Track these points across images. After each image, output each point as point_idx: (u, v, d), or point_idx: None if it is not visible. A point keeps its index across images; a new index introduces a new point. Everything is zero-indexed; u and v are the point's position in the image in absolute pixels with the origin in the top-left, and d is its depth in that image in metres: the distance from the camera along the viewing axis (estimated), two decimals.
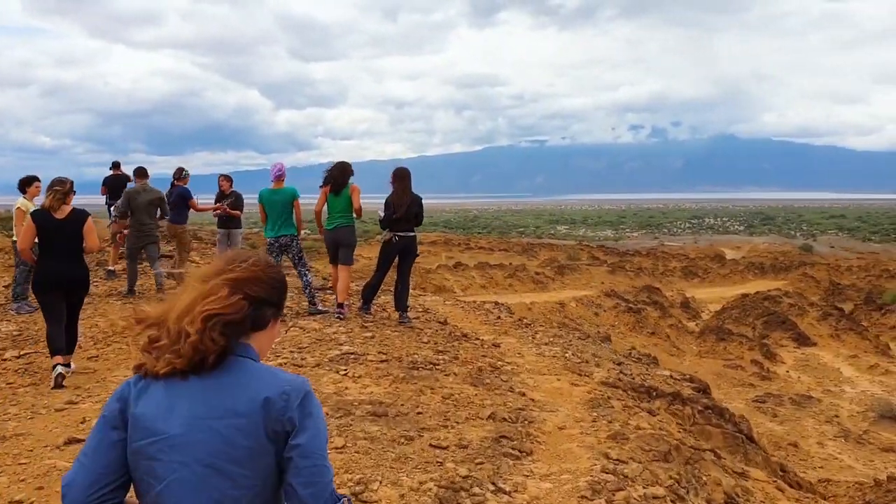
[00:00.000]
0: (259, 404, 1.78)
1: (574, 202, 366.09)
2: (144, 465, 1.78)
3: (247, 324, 1.89)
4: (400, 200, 9.13)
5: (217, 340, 1.80)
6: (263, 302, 1.93)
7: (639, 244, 76.08)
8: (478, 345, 8.70)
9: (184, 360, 1.79)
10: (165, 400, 1.80)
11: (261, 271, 1.95)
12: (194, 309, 1.82)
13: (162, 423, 1.78)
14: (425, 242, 45.22)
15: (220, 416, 1.77)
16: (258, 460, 1.77)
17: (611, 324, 25.71)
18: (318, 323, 8.67)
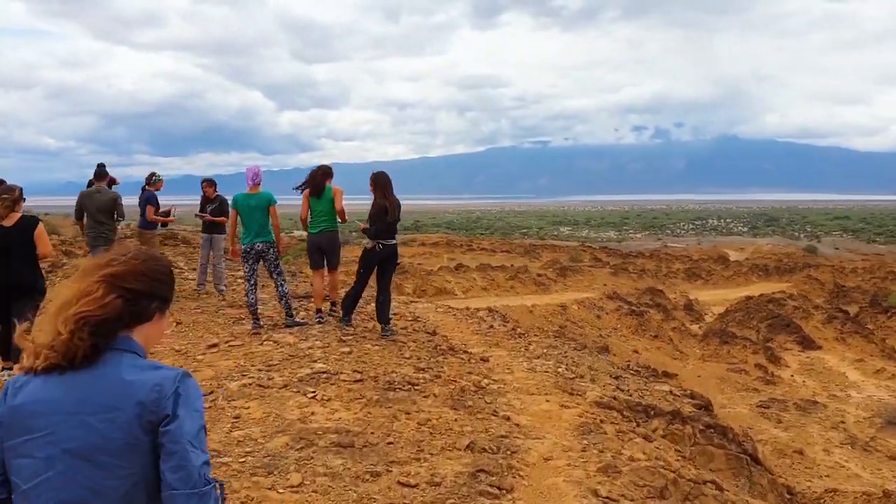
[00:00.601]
0: (132, 397, 1.80)
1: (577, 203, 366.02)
2: (16, 463, 1.81)
3: (123, 320, 1.89)
4: (392, 205, 8.73)
5: (85, 340, 1.81)
6: (144, 295, 1.94)
7: (642, 245, 75.64)
8: (464, 360, 8.18)
9: (58, 355, 1.82)
10: (41, 394, 1.81)
11: (140, 264, 1.95)
12: (70, 307, 1.84)
13: (35, 420, 1.80)
14: (427, 244, 44.84)
15: (94, 412, 1.78)
16: (134, 452, 1.79)
17: (613, 326, 25.33)
18: (293, 336, 8.18)
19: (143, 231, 12.05)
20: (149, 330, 1.97)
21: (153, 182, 12.00)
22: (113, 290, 1.87)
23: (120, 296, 1.88)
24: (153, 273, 1.97)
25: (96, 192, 10.60)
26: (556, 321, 23.62)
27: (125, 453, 1.78)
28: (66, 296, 1.88)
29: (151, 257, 2.03)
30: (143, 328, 1.95)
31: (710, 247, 70.84)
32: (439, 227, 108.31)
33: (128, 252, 1.99)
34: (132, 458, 1.79)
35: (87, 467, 1.77)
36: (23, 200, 7.19)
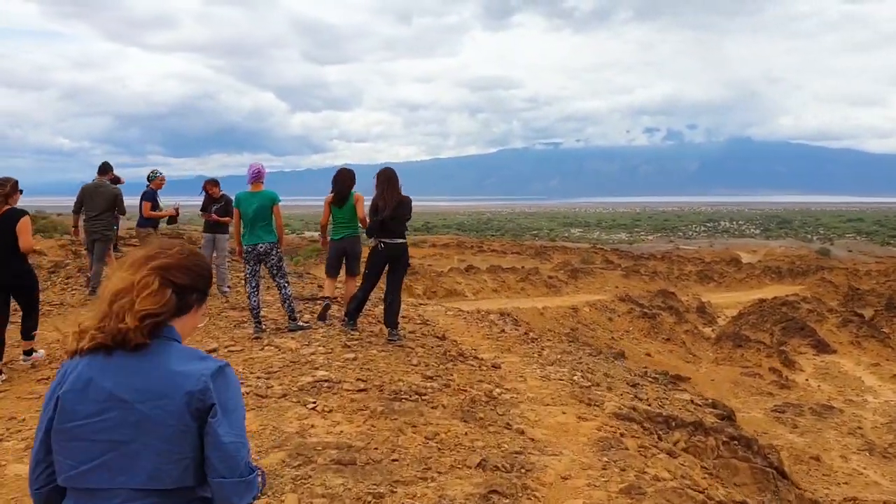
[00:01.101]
0: (182, 387, 1.88)
1: (588, 205, 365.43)
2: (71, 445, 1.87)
3: (175, 310, 1.99)
4: (385, 202, 8.26)
5: (145, 334, 1.91)
6: (188, 289, 2.04)
7: (653, 247, 75.30)
8: (475, 367, 7.79)
9: (108, 337, 1.90)
10: (94, 381, 1.88)
11: (185, 259, 2.05)
12: (128, 296, 1.91)
13: (89, 405, 1.87)
14: (437, 245, 44.60)
15: (146, 399, 1.86)
16: (184, 437, 1.87)
17: (625, 329, 25.02)
18: (295, 342, 7.83)
19: (139, 229, 11.77)
20: (186, 321, 2.07)
21: (152, 179, 11.70)
22: (167, 284, 1.99)
23: (173, 290, 2.00)
24: (197, 267, 2.09)
25: (98, 186, 10.68)
26: (568, 324, 23.34)
27: (176, 439, 1.87)
28: (119, 285, 1.96)
29: (193, 252, 2.14)
30: (183, 319, 2.05)
31: (722, 249, 70.48)
32: (450, 229, 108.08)
33: (173, 245, 2.11)
34: (183, 443, 1.88)
35: (142, 451, 1.86)
36: (18, 193, 7.13)
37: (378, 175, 8.49)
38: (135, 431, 1.86)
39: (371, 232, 8.35)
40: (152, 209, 11.29)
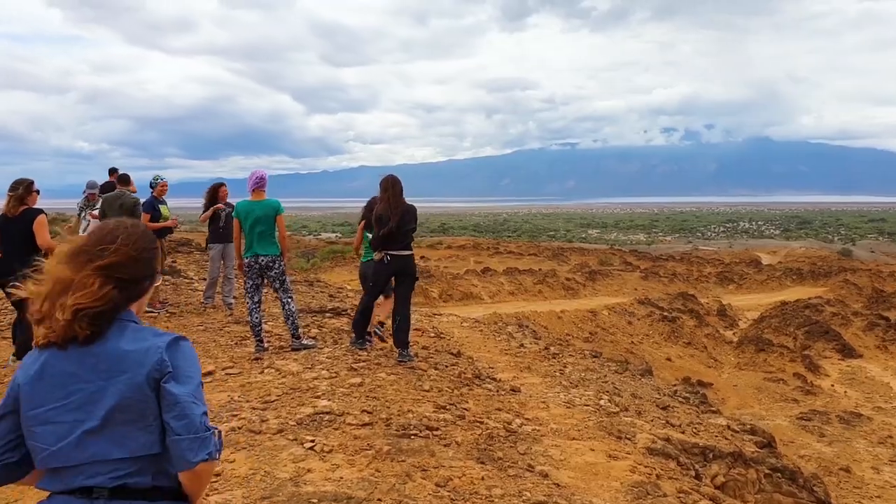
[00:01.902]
0: (139, 363, 2.00)
1: (605, 206, 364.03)
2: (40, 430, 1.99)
3: (120, 306, 2.06)
4: (391, 211, 7.77)
5: (84, 328, 1.99)
6: (138, 279, 2.12)
7: (672, 248, 74.49)
8: (492, 391, 7.16)
9: (57, 335, 2.00)
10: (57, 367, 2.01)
11: (131, 250, 2.09)
12: (65, 294, 1.99)
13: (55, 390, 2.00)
14: (453, 247, 44.06)
15: (108, 377, 1.99)
16: (146, 409, 2.00)
17: (645, 333, 24.47)
18: (298, 364, 7.22)
19: None
20: (141, 301, 2.17)
21: (154, 185, 11.11)
22: (108, 282, 2.03)
23: (115, 286, 2.04)
24: (144, 254, 2.12)
25: (118, 196, 10.63)
26: (587, 328, 22.82)
27: (137, 410, 1.98)
28: (59, 280, 2.01)
29: (138, 236, 2.13)
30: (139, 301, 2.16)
31: (742, 250, 69.57)
32: (466, 230, 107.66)
33: (116, 237, 2.09)
34: (145, 414, 1.99)
35: (107, 425, 1.97)
36: (35, 194, 7.34)
37: (382, 182, 7.98)
38: (97, 408, 1.97)
39: (376, 245, 7.81)
40: (152, 220, 10.83)
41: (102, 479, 1.99)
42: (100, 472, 1.99)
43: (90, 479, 1.99)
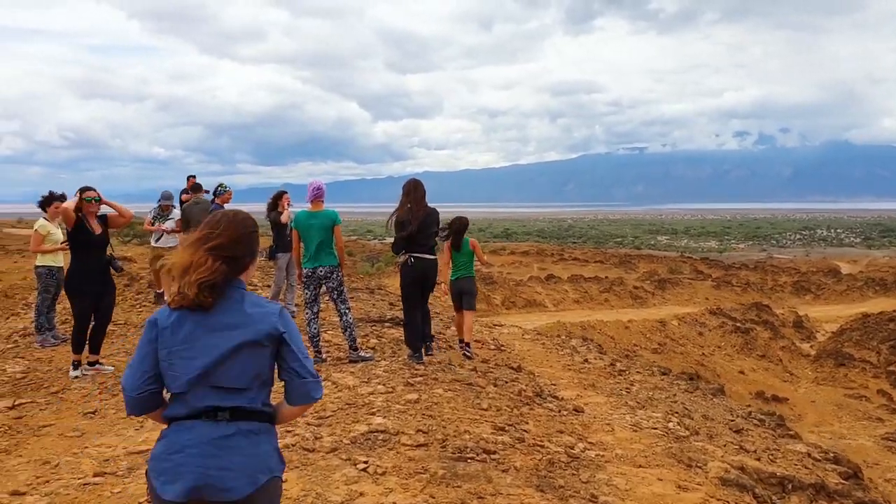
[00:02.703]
0: (255, 322, 2.66)
1: (675, 212, 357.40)
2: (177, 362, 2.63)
3: (230, 276, 2.70)
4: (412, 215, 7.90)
5: (207, 296, 2.64)
6: (240, 256, 2.75)
7: (745, 256, 72.51)
8: (553, 411, 6.78)
9: (188, 301, 2.65)
10: (188, 316, 2.66)
11: (233, 233, 2.75)
12: (189, 272, 2.64)
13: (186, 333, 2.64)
14: (516, 253, 43.69)
15: (229, 329, 2.64)
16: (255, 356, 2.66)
17: (716, 345, 23.75)
18: (354, 377, 7.07)
19: None
20: (246, 274, 2.78)
21: (219, 193, 11.31)
22: (218, 259, 2.65)
23: (224, 262, 2.66)
24: (244, 237, 2.75)
25: (196, 202, 11.41)
26: (655, 338, 22.26)
27: (253, 356, 2.63)
28: (183, 263, 2.66)
29: (239, 222, 2.78)
30: (245, 273, 2.77)
31: (819, 259, 67.13)
32: (530, 236, 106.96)
33: (219, 223, 2.74)
34: (258, 358, 2.65)
35: (229, 364, 2.61)
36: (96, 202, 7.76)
37: (404, 186, 8.16)
38: (222, 351, 2.60)
39: (397, 247, 8.01)
40: None
41: (225, 401, 2.63)
42: (223, 397, 2.63)
43: (214, 401, 2.63)
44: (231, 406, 2.63)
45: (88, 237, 7.62)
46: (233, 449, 2.61)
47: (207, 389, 2.63)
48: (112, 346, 8.96)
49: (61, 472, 5.00)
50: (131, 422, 5.99)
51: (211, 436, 2.60)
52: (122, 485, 4.66)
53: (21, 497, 4.51)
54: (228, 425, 2.62)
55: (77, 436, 5.89)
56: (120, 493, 4.55)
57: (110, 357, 8.44)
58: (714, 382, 19.65)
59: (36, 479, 4.85)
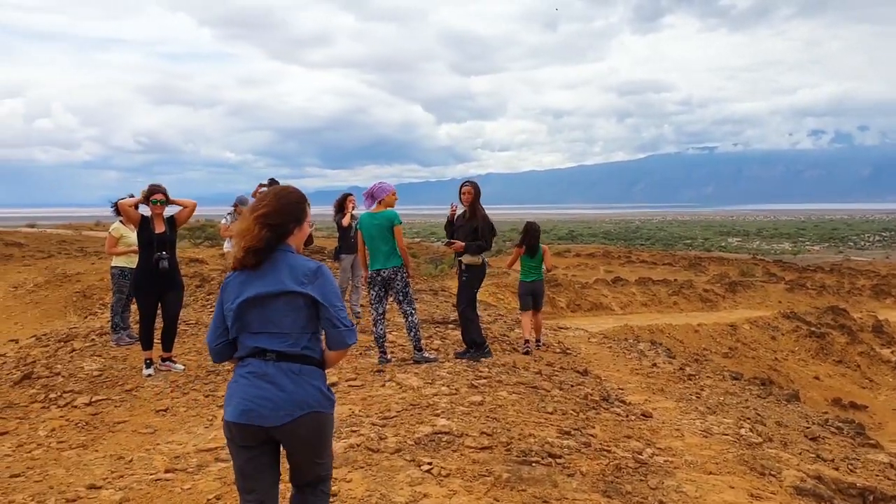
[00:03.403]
0: (295, 275, 3.13)
1: (746, 213, 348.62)
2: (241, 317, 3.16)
3: (275, 242, 3.18)
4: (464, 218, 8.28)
5: (254, 258, 3.14)
6: (284, 224, 3.20)
7: (820, 259, 70.19)
8: (621, 416, 6.64)
9: (241, 265, 3.18)
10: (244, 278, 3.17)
11: (277, 204, 3.21)
12: (244, 242, 3.13)
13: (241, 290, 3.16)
14: (582, 255, 43.19)
15: (272, 286, 3.12)
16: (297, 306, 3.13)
17: (790, 350, 22.99)
18: (418, 378, 7.07)
19: None
20: (294, 238, 3.23)
21: None
22: (264, 227, 3.11)
23: (269, 229, 3.12)
24: (287, 207, 3.20)
25: None
26: (726, 342, 21.71)
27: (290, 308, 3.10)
28: (238, 231, 3.16)
29: (283, 195, 3.26)
30: (292, 238, 3.22)
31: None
32: (595, 238, 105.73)
33: (268, 195, 3.24)
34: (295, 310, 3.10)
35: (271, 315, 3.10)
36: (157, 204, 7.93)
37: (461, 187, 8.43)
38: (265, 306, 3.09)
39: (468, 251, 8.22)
40: None
41: (272, 345, 3.11)
42: (268, 341, 3.11)
43: (262, 344, 3.11)
44: (276, 349, 3.10)
45: (151, 236, 7.77)
46: (274, 384, 3.07)
47: (256, 334, 3.14)
48: (184, 346, 9.13)
49: (134, 467, 5.14)
50: (201, 419, 6.09)
51: (258, 371, 3.10)
52: (192, 481, 4.77)
53: (98, 490, 4.66)
54: (272, 364, 3.09)
55: (150, 433, 6.05)
56: (190, 489, 4.66)
57: (182, 356, 8.61)
58: (788, 388, 19.09)
59: (111, 474, 5.00)
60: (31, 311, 15.97)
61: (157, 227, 7.86)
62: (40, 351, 9.27)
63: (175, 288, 8.01)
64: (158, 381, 7.57)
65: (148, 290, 7.83)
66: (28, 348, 9.92)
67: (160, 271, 7.73)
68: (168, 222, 7.99)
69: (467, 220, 8.38)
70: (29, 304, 16.40)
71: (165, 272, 7.76)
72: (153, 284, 7.79)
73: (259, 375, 3.09)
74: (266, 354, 3.11)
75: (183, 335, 9.58)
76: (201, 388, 7.34)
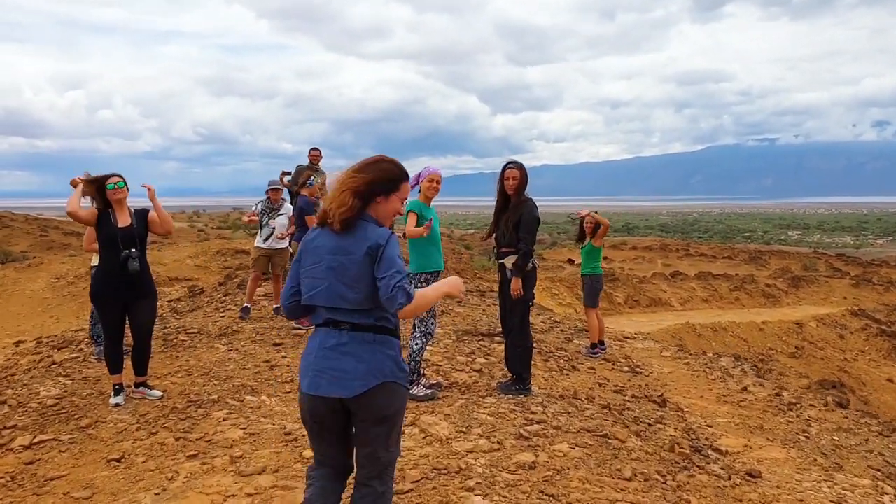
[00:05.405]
0: (365, 246, 3.10)
1: (807, 205, 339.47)
2: (308, 281, 3.21)
3: (361, 210, 3.18)
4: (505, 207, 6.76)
5: (341, 225, 3.14)
6: (372, 193, 3.21)
7: (884, 253, 67.65)
8: (721, 477, 5.08)
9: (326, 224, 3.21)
10: (322, 241, 3.21)
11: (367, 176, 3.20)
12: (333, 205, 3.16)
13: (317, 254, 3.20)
14: (639, 248, 42.19)
15: (344, 254, 3.12)
16: (365, 277, 3.08)
17: (859, 349, 21.94)
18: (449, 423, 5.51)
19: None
20: (380, 208, 3.26)
21: (308, 184, 9.72)
22: (354, 196, 3.16)
23: (358, 198, 3.18)
24: (376, 178, 3.22)
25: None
26: (792, 341, 20.82)
27: (359, 277, 3.09)
28: (331, 197, 3.22)
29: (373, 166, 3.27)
30: (375, 207, 3.25)
31: None
32: (652, 230, 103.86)
33: (361, 168, 3.25)
34: (364, 281, 3.08)
35: (341, 284, 3.11)
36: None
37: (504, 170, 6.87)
38: (335, 272, 3.12)
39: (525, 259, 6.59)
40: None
41: (344, 317, 3.11)
42: (342, 312, 3.11)
43: (336, 315, 3.13)
44: (349, 320, 3.10)
45: (113, 230, 6.24)
46: (347, 354, 3.07)
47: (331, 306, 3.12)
48: (176, 362, 7.69)
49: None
50: (158, 477, 4.80)
51: (331, 342, 3.11)
52: None
53: None
54: (345, 334, 3.09)
55: (85, 498, 4.58)
56: None
57: (167, 377, 7.09)
58: (859, 391, 18.11)
59: None
60: (69, 305, 15.12)
61: (121, 219, 6.31)
62: (30, 360, 8.34)
63: (146, 295, 6.41)
64: (125, 415, 6.01)
65: (112, 298, 6.27)
66: (20, 355, 9.03)
67: (128, 274, 6.18)
68: (137, 214, 6.46)
69: (511, 211, 6.73)
70: (66, 297, 15.64)
71: (135, 275, 6.22)
72: (118, 291, 6.24)
73: (333, 347, 3.09)
74: (340, 324, 3.11)
75: (178, 347, 8.26)
76: (173, 427, 5.68)
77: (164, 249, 21.74)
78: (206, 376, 7.11)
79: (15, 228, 32.19)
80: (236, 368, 7.31)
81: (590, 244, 9.87)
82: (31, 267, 18.41)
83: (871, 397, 17.52)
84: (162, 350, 8.11)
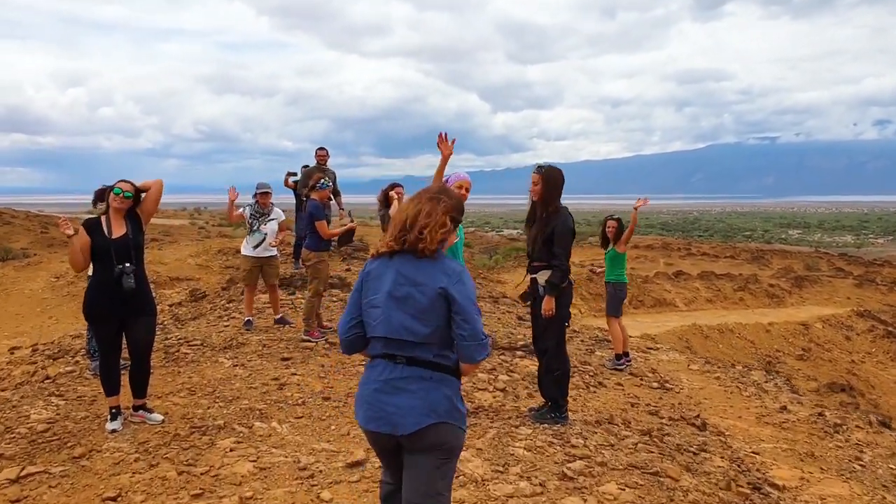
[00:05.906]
0: (442, 278, 2.97)
1: (808, 204, 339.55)
2: (370, 311, 3.08)
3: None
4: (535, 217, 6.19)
5: (435, 249, 3.03)
6: (458, 220, 3.16)
7: (885, 252, 67.51)
8: None
9: (398, 245, 3.05)
10: (383, 270, 3.07)
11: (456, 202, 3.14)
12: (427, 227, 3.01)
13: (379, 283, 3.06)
14: (640, 246, 41.98)
15: (413, 285, 2.99)
16: (435, 311, 2.97)
17: (866, 351, 21.81)
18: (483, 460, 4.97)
19: (313, 254, 8.83)
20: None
21: (319, 187, 9.03)
22: (451, 221, 3.08)
23: (453, 224, 3.11)
24: (458, 205, 3.16)
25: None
26: (799, 343, 20.69)
27: (428, 311, 2.97)
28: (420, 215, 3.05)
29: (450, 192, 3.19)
30: None
31: None
32: (653, 229, 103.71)
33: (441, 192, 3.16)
34: (432, 315, 2.97)
35: (407, 316, 2.99)
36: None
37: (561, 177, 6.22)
38: (404, 304, 2.99)
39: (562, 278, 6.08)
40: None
41: (402, 349, 3.00)
42: (400, 345, 3.00)
43: (394, 348, 3.02)
44: (407, 355, 3.00)
45: (107, 242, 5.70)
46: (403, 390, 2.97)
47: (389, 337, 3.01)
48: (179, 377, 7.24)
49: None
50: None
51: (388, 376, 3.01)
52: None
53: None
54: (403, 368, 2.99)
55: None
56: None
57: (167, 398, 6.61)
58: (868, 394, 17.91)
59: None
60: (68, 305, 14.60)
61: (116, 229, 5.76)
62: (24, 370, 7.92)
63: (145, 312, 5.89)
64: (123, 442, 5.47)
65: (106, 315, 5.77)
66: (14, 364, 8.62)
67: (123, 291, 5.65)
68: (131, 220, 5.87)
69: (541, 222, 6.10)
70: (66, 297, 15.17)
71: (131, 292, 5.68)
72: (113, 307, 5.72)
73: (389, 381, 3.01)
74: (396, 358, 3.02)
75: (181, 361, 7.80)
76: (176, 458, 5.14)
77: (165, 248, 21.53)
78: (210, 396, 6.63)
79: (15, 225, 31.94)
80: (243, 387, 6.87)
81: (613, 250, 9.38)
82: (31, 266, 18.16)
83: (881, 400, 17.36)
84: (163, 364, 7.64)
